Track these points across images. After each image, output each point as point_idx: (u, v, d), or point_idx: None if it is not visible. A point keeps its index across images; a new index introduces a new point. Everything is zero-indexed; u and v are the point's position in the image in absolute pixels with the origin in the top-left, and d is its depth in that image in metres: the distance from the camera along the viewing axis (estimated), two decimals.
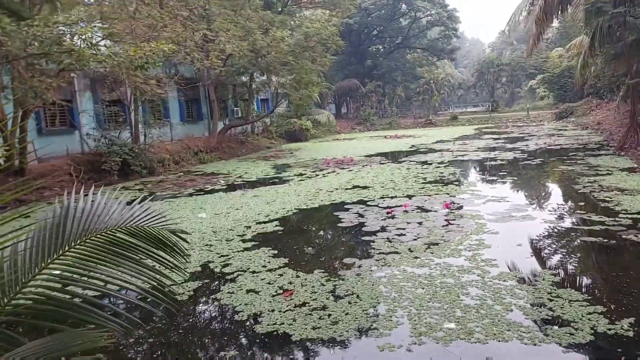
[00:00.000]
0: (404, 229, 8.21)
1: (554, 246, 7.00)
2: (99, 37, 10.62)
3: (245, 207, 11.11)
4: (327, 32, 23.22)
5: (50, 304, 1.97)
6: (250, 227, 9.13)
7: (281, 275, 6.37)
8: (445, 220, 8.64)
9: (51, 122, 17.40)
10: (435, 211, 9.40)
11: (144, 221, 2.50)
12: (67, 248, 2.13)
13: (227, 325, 5.14)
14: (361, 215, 9.45)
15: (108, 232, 2.31)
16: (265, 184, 14.88)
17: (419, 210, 9.52)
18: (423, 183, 12.74)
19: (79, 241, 2.19)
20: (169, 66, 21.18)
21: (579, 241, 7.20)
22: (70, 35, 10.74)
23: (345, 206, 10.46)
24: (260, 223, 9.37)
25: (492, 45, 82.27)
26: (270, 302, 5.49)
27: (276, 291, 5.79)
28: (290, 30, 23.73)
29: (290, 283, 6.05)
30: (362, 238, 7.91)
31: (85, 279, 2.10)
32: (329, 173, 16.11)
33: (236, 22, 19.68)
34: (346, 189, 12.65)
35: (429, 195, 11.04)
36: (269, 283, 6.09)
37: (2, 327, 1.82)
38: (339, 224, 8.99)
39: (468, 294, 5.24)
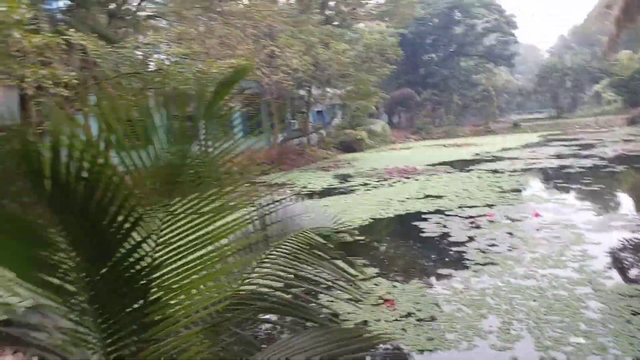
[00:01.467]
0: (494, 239, 7.96)
1: None
2: (183, 57, 11.10)
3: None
4: (387, 42, 23.20)
5: (266, 299, 2.04)
6: (329, 236, 9.10)
7: (377, 284, 6.30)
8: (537, 230, 8.32)
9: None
10: (523, 220, 9.10)
11: (326, 222, 2.59)
12: (272, 247, 2.24)
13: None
14: (443, 225, 9.25)
15: (302, 233, 2.41)
16: (332, 194, 14.86)
17: (505, 220, 9.23)
18: (500, 192, 12.36)
19: (280, 241, 2.29)
20: None
21: None
22: (153, 56, 11.28)
23: (423, 215, 10.28)
24: (339, 232, 9.33)
25: (551, 50, 79.69)
26: (373, 311, 5.44)
27: (376, 300, 5.73)
28: (349, 43, 23.90)
29: (389, 293, 5.98)
30: (451, 248, 7.73)
31: (288, 274, 2.19)
32: (395, 182, 15.93)
33: (299, 38, 20.01)
34: (418, 198, 12.45)
35: (511, 205, 10.70)
36: (366, 292, 6.04)
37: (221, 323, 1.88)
38: (422, 234, 8.84)
39: (588, 307, 4.98)
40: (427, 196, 12.61)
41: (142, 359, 1.67)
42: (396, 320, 5.16)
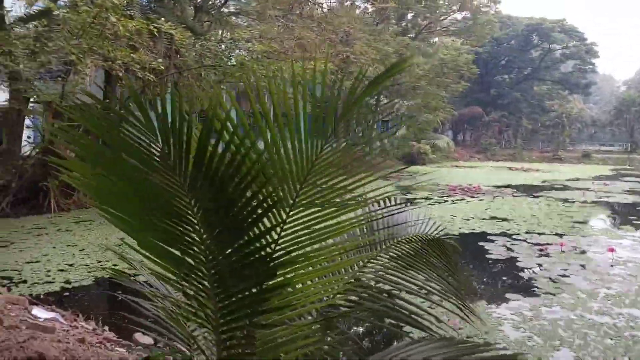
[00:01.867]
0: (565, 269, 7.59)
1: None
2: (263, 54, 11.36)
3: None
4: (463, 59, 22.79)
5: (374, 302, 2.02)
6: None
7: (441, 301, 6.13)
8: (612, 265, 7.87)
9: None
10: (596, 254, 8.65)
11: (431, 231, 2.56)
12: (379, 250, 2.23)
13: None
14: (509, 249, 8.94)
15: (408, 239, 2.38)
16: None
17: (577, 252, 8.80)
18: (571, 222, 11.81)
19: (387, 245, 2.27)
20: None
21: None
22: (235, 51, 11.62)
23: (488, 237, 9.98)
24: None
25: (628, 82, 75.57)
26: (437, 328, 5.28)
27: (440, 317, 5.57)
28: (424, 57, 23.66)
29: (453, 312, 5.80)
30: (519, 274, 7.46)
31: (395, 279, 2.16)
32: (458, 200, 15.58)
33: (374, 47, 20.01)
34: (483, 218, 12.11)
35: (583, 236, 10.21)
36: (429, 307, 5.89)
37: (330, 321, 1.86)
38: (487, 255, 8.57)
39: None
40: (493, 217, 12.25)
41: (252, 342, 1.67)
42: None
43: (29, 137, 14.04)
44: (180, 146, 1.46)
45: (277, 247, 1.61)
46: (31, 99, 12.22)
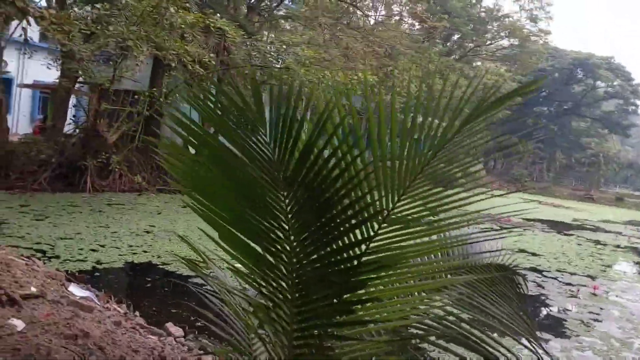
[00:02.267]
0: (597, 314, 7.38)
1: None
2: (311, 60, 11.44)
3: None
4: (507, 86, 22.55)
5: (450, 328, 1.98)
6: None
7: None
8: None
9: None
10: (629, 301, 8.39)
11: (503, 260, 2.49)
12: (457, 275, 2.18)
13: None
14: (540, 286, 8.74)
15: (483, 266, 2.33)
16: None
17: (609, 296, 8.56)
18: (603, 265, 11.49)
19: (464, 270, 2.23)
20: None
21: None
22: (284, 54, 11.74)
23: (517, 271, 9.76)
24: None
25: None
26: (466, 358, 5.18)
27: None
28: (466, 79, 23.52)
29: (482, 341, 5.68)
30: (550, 312, 7.29)
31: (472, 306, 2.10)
32: (486, 229, 15.32)
33: (418, 64, 19.97)
34: (512, 251, 11.88)
35: (614, 281, 9.94)
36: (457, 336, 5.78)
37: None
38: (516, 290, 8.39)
39: None
40: (522, 251, 12.00)
41: (327, 353, 1.62)
42: None
43: (73, 117, 14.37)
44: (287, 141, 1.45)
45: (364, 260, 1.56)
46: (78, 80, 12.53)
